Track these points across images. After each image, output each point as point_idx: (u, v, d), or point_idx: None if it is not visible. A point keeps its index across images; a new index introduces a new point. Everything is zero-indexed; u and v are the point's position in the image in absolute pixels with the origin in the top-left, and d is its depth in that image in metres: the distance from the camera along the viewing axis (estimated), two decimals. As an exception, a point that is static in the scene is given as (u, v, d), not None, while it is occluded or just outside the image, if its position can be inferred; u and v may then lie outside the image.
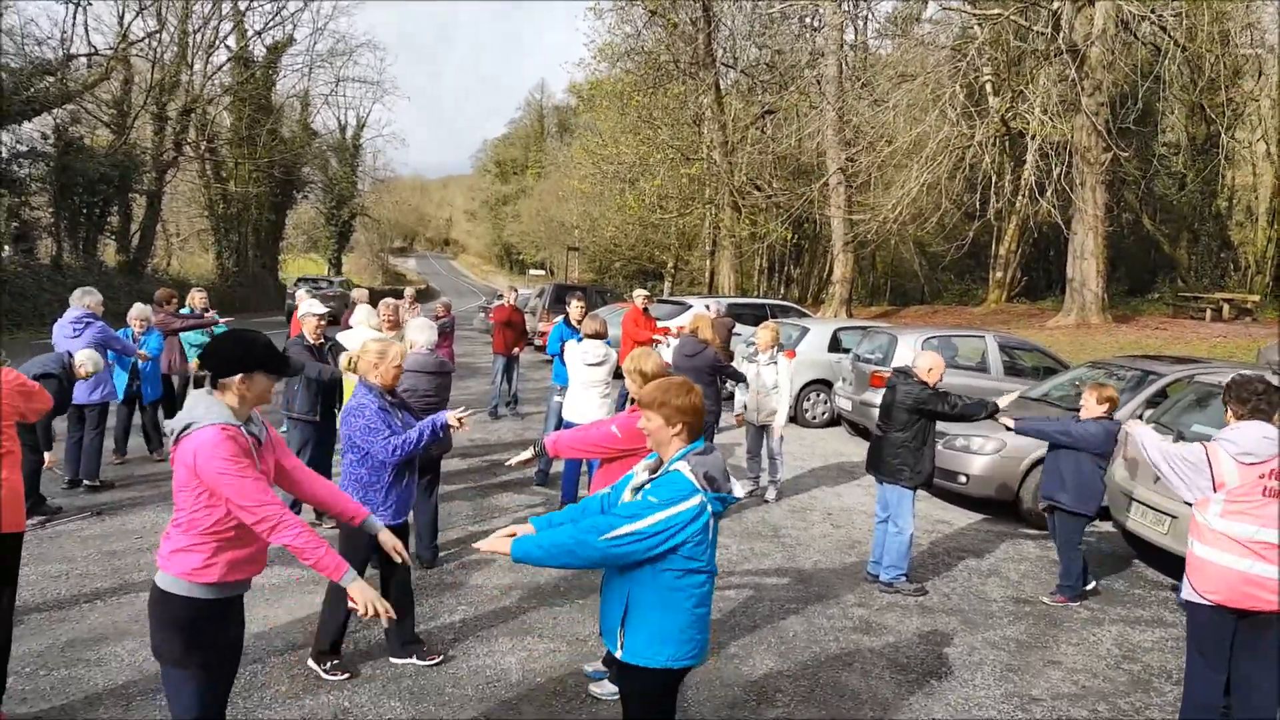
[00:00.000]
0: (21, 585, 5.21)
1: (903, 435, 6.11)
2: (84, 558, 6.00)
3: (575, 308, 9.34)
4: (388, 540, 3.32)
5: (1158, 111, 22.50)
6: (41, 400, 4.38)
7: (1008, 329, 20.29)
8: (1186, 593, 4.14)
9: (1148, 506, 6.46)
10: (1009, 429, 6.30)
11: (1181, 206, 27.74)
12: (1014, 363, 11.74)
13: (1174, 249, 29.17)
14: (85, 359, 6.58)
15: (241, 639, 3.16)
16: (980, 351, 11.72)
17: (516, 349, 12.46)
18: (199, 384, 6.89)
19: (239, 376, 2.90)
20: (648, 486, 2.82)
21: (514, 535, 2.88)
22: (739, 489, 2.89)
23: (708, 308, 13.58)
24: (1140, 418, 7.71)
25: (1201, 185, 25.34)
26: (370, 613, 2.90)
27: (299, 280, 34.16)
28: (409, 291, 13.11)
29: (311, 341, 6.88)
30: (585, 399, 7.39)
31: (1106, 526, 7.77)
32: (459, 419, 4.46)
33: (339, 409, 6.58)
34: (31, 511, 6.35)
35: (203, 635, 2.89)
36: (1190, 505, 4.21)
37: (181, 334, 9.58)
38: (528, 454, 4.45)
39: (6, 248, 24.94)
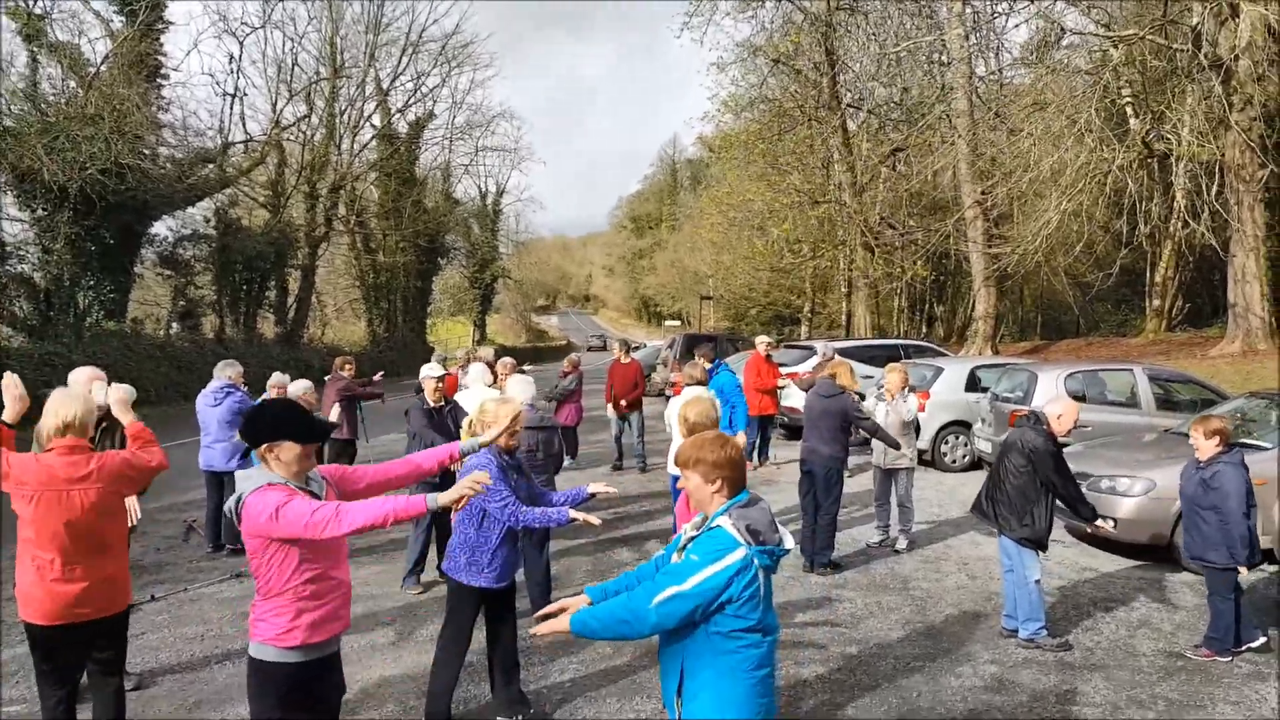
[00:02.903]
0: (159, 647, 5.63)
1: (1014, 482, 5.79)
2: (219, 619, 6.27)
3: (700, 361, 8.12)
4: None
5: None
6: (146, 464, 3.96)
7: (1167, 360, 18.94)
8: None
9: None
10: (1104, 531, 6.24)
11: (1359, 220, 25.30)
12: (1168, 396, 11.02)
13: (1354, 266, 26.48)
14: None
15: (338, 703, 3.22)
16: (1130, 386, 11.04)
17: (623, 403, 12.56)
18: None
19: (265, 445, 2.98)
20: (690, 545, 2.76)
21: (566, 609, 2.82)
22: (789, 540, 2.74)
23: (824, 352, 13.19)
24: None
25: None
26: (465, 495, 3.03)
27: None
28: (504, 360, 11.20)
29: (431, 404, 7.08)
30: None
31: (1276, 568, 7.09)
32: (584, 513, 4.24)
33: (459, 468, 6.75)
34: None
35: (295, 700, 2.97)
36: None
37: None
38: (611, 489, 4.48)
39: (174, 325, 27.19)
